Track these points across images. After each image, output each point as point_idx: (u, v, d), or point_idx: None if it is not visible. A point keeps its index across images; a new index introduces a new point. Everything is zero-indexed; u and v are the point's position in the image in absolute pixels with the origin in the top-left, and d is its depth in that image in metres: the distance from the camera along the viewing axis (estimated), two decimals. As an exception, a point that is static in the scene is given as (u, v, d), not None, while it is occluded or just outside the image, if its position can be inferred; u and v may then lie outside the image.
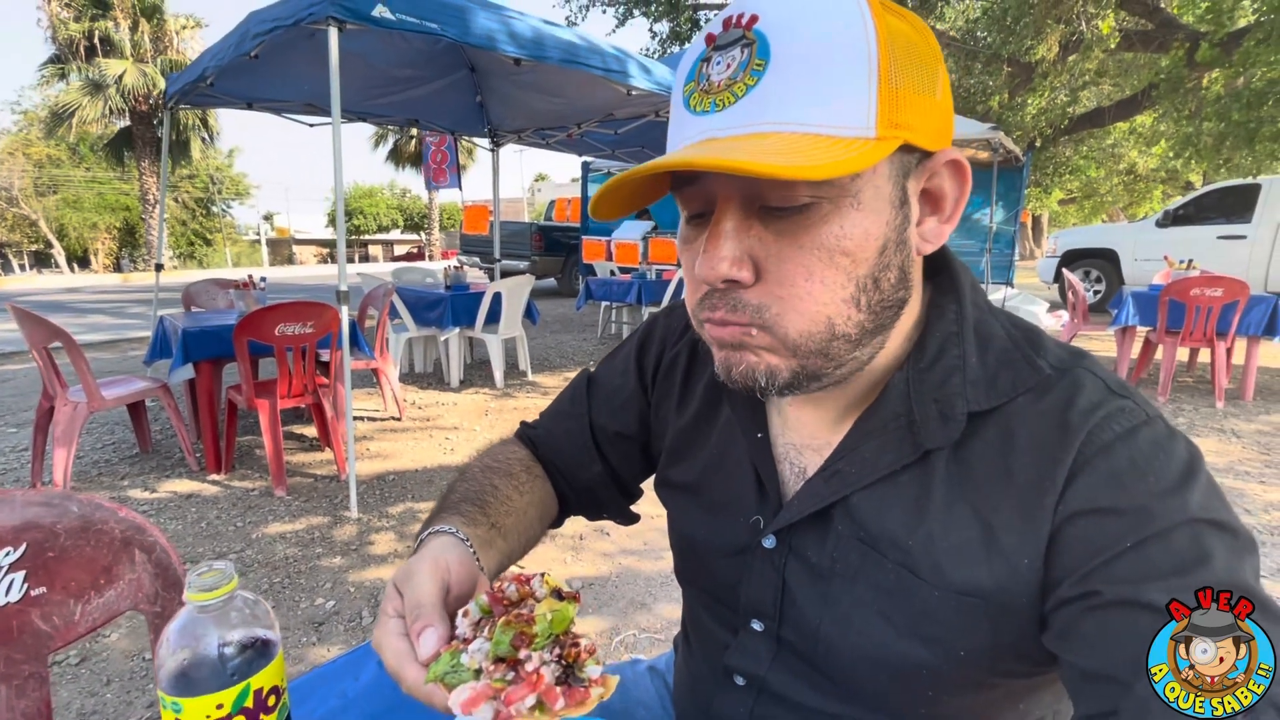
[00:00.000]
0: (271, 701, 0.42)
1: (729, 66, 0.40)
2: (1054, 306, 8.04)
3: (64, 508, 0.67)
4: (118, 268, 26.66)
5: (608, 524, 2.61)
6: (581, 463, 0.68)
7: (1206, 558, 0.36)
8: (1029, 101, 9.83)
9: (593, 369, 0.72)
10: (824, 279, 0.41)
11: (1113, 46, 9.12)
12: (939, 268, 0.50)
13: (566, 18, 11.87)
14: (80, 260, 28.60)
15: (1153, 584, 0.36)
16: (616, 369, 0.69)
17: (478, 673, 0.36)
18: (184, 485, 2.88)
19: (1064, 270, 6.09)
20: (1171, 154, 11.08)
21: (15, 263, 28.33)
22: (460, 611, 0.39)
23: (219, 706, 0.40)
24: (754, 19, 0.39)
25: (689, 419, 0.61)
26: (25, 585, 0.64)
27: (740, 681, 0.55)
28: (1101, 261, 8.35)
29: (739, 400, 0.55)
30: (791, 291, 0.41)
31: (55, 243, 26.96)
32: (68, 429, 2.66)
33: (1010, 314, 0.50)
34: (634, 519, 0.73)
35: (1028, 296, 8.39)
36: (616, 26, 12.18)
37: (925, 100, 0.41)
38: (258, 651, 0.43)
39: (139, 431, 3.29)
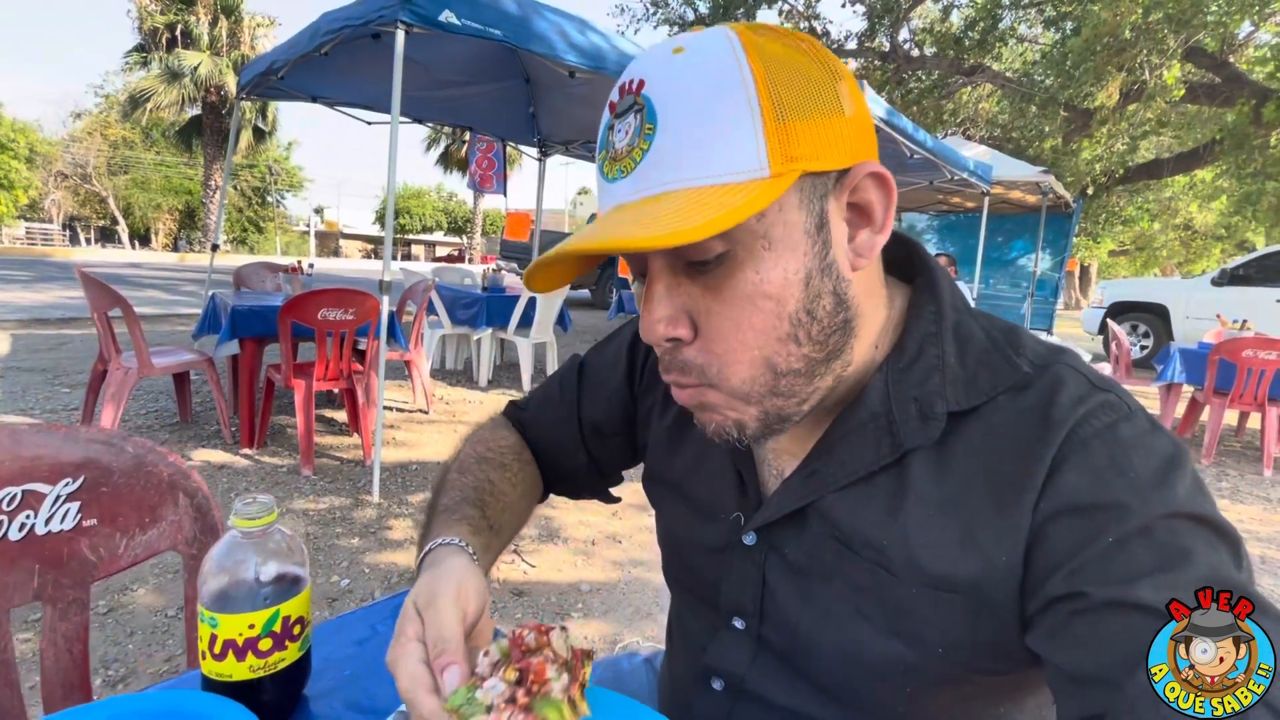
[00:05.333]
0: (297, 630, 0.45)
1: (627, 133, 0.41)
2: (1096, 359, 7.81)
3: (120, 448, 0.72)
4: (175, 248, 27.89)
5: (620, 531, 2.62)
6: (568, 452, 0.70)
7: (1188, 553, 0.36)
8: (1084, 148, 9.65)
9: (583, 354, 0.72)
10: (753, 325, 0.42)
11: (1176, 98, 8.92)
12: (918, 270, 0.51)
13: (618, 28, 12.14)
14: (142, 238, 30.04)
15: (1137, 582, 0.36)
16: (608, 360, 0.69)
17: (489, 708, 0.38)
18: (217, 456, 2.99)
19: (1109, 321, 5.91)
20: (1231, 210, 10.74)
21: (83, 236, 29.88)
22: (482, 651, 0.42)
23: (251, 626, 0.43)
24: (641, 84, 0.41)
25: (671, 420, 0.61)
26: (79, 515, 0.69)
27: (718, 686, 0.54)
28: (1150, 316, 8.04)
29: None
30: (725, 346, 0.42)
31: (121, 220, 28.41)
32: (118, 391, 2.80)
33: (990, 315, 0.50)
34: (613, 500, 0.75)
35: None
36: None
37: (823, 123, 0.40)
38: (289, 583, 0.46)
39: (181, 401, 3.43)
